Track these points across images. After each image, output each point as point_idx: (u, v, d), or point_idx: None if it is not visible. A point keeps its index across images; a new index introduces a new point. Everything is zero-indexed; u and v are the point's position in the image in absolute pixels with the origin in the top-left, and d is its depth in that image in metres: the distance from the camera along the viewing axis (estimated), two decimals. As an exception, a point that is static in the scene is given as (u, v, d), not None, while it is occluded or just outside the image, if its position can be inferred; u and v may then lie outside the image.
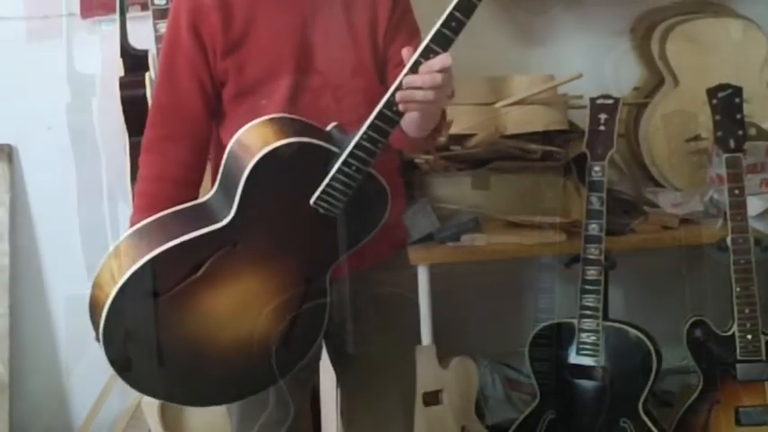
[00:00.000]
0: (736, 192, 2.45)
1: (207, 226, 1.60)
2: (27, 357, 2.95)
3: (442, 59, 1.53)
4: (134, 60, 2.65)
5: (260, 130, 1.63)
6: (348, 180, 1.59)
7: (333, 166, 1.58)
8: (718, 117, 2.47)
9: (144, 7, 2.69)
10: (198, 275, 1.59)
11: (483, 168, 2.69)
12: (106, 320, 1.57)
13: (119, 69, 2.64)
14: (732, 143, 2.46)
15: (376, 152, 1.58)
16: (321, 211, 1.61)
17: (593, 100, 2.52)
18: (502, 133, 2.67)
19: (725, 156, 2.46)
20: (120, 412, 2.76)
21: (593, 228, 2.47)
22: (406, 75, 1.53)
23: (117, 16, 2.65)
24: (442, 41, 1.53)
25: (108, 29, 2.76)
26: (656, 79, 2.98)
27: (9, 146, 2.88)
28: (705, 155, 2.79)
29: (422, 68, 1.53)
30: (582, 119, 2.62)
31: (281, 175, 1.60)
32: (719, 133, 2.47)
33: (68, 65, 2.86)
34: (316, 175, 1.59)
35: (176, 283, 1.58)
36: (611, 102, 2.50)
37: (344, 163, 1.58)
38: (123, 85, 2.60)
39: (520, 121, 2.69)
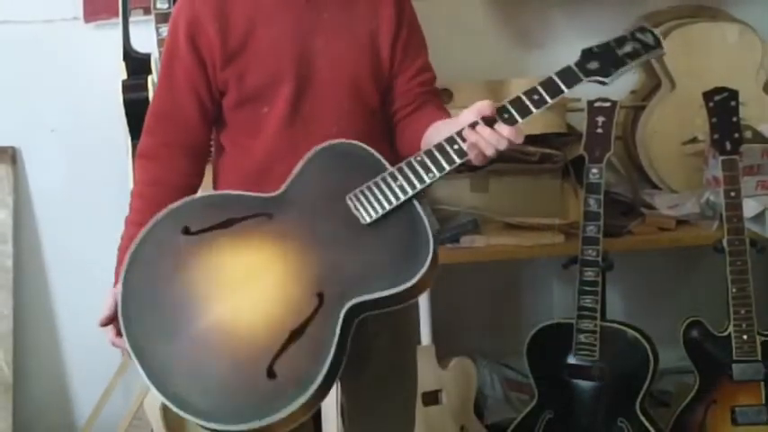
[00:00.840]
0: (732, 194, 2.46)
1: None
2: (31, 358, 2.96)
3: (514, 135, 1.57)
4: (136, 63, 2.66)
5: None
6: (388, 191, 1.60)
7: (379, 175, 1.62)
8: (714, 120, 2.48)
9: (146, 11, 2.70)
10: (227, 230, 1.62)
11: (482, 171, 2.69)
12: (138, 245, 1.62)
13: (121, 72, 2.65)
14: (728, 146, 2.47)
15: (424, 179, 1.60)
16: (351, 206, 1.60)
17: (590, 103, 2.52)
18: (501, 136, 2.69)
19: (721, 158, 2.47)
20: (122, 412, 2.77)
21: (591, 229, 2.47)
22: (476, 124, 1.58)
23: (120, 20, 2.66)
24: (520, 109, 1.59)
25: (111, 32, 2.76)
26: (653, 82, 3.00)
27: (13, 148, 2.89)
28: (701, 157, 2.79)
29: (497, 127, 1.57)
30: (580, 122, 2.63)
31: (336, 169, 1.64)
32: (716, 136, 2.48)
33: (71, 68, 2.87)
34: (362, 182, 1.62)
35: (206, 229, 1.61)
36: (608, 105, 2.50)
37: (391, 174, 1.61)
38: (126, 87, 2.61)
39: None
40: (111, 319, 1.66)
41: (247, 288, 1.58)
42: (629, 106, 3.01)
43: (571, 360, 2.53)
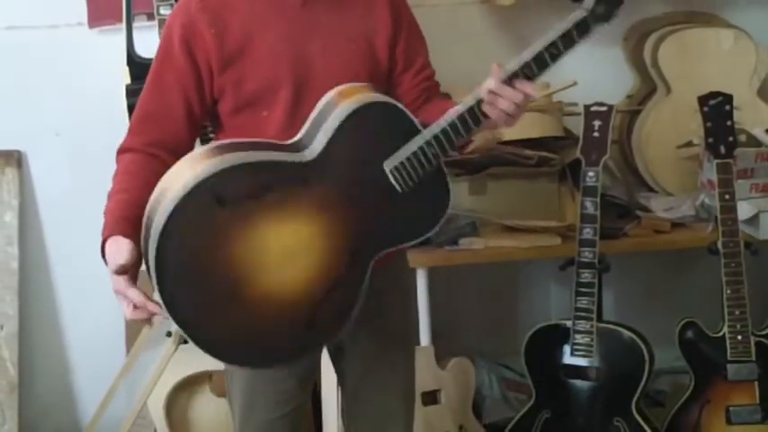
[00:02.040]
0: (727, 197, 2.47)
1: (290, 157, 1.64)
2: (36, 358, 2.98)
3: (531, 89, 1.67)
4: (140, 68, 2.65)
5: (360, 89, 1.70)
6: (424, 160, 1.66)
7: (415, 142, 1.67)
8: (709, 124, 2.49)
9: (150, 17, 2.70)
10: (262, 200, 1.59)
11: (480, 174, 2.72)
12: (168, 220, 1.52)
13: (125, 77, 2.65)
14: (723, 149, 2.48)
15: (454, 141, 1.67)
16: (391, 179, 1.66)
17: (587, 107, 2.53)
18: (499, 140, 2.69)
19: (716, 161, 2.48)
20: (126, 412, 2.77)
21: (588, 231, 2.48)
22: (500, 81, 1.66)
23: (123, 25, 2.67)
24: (539, 64, 1.68)
25: (115, 38, 2.76)
26: (649, 87, 3.01)
27: (18, 152, 2.90)
28: (696, 161, 2.80)
29: (516, 83, 1.65)
30: (576, 125, 2.64)
31: (370, 131, 1.67)
32: (710, 140, 2.49)
33: (76, 73, 2.89)
34: (396, 144, 1.67)
35: (239, 201, 1.57)
36: (604, 109, 2.51)
37: (427, 143, 1.67)
38: (129, 92, 2.61)
39: (516, 127, 2.71)
40: (127, 269, 1.59)
41: (288, 263, 1.62)
42: (625, 110, 3.02)
43: (568, 360, 2.54)
